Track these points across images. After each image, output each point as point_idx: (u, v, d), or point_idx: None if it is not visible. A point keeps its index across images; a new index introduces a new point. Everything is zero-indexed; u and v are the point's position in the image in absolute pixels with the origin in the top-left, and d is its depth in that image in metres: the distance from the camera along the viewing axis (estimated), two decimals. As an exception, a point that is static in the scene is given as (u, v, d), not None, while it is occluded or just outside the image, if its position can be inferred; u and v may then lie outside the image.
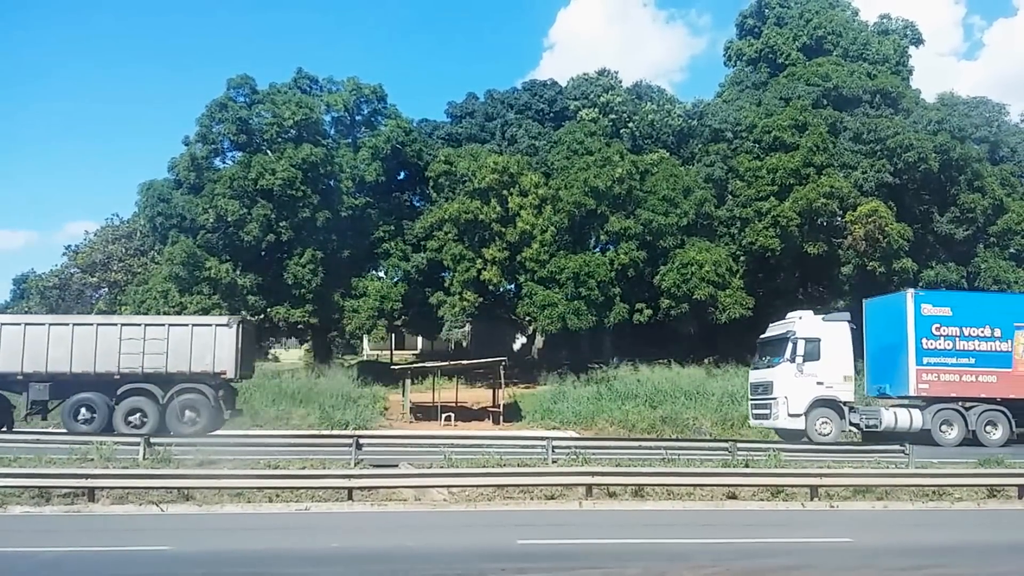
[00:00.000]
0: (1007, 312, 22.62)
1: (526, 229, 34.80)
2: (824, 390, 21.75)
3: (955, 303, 22.65)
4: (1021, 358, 22.16)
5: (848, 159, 37.86)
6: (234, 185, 34.45)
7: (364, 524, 12.25)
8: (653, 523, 12.52)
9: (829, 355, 22.01)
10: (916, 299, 22.30)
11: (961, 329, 22.07)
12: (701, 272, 33.95)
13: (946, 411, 21.82)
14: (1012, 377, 22.06)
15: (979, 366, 22.03)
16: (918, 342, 21.94)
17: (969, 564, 10.23)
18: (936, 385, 21.92)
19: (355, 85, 39.68)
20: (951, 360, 21.99)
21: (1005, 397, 22.07)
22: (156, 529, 11.63)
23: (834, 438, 21.24)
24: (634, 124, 41.10)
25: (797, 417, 21.52)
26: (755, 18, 48.43)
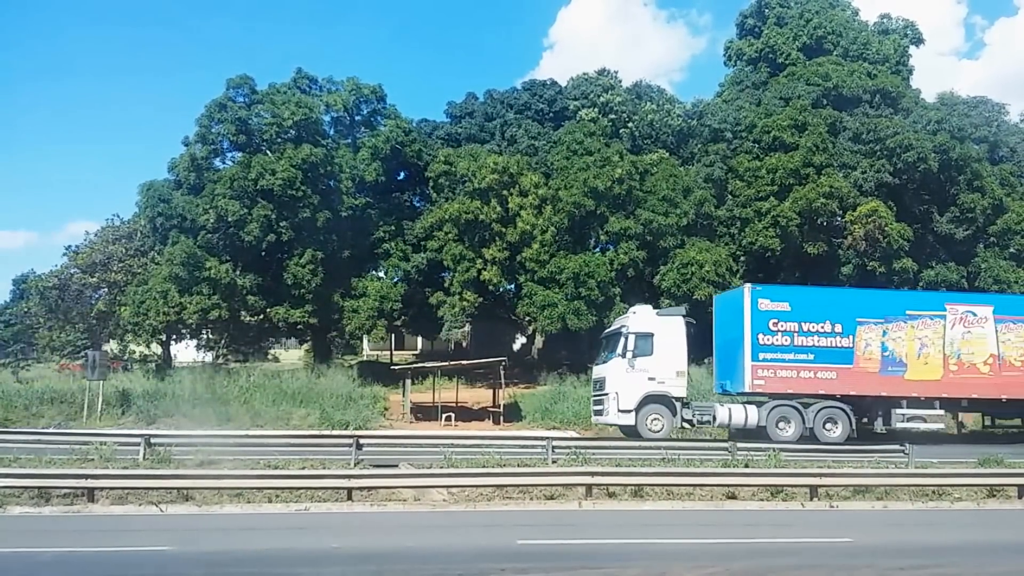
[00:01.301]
0: (849, 307, 22.14)
1: (526, 229, 34.79)
2: (656, 386, 21.39)
3: (794, 298, 22.20)
4: (863, 354, 21.79)
5: (848, 159, 37.86)
6: (234, 185, 34.44)
7: (364, 524, 12.25)
8: (653, 523, 12.52)
9: (662, 350, 21.65)
10: (753, 294, 21.85)
11: (800, 324, 21.63)
12: (701, 272, 33.93)
13: (783, 408, 21.41)
14: (853, 373, 21.66)
15: (819, 362, 21.61)
16: (754, 338, 21.49)
17: (969, 564, 10.23)
18: (772, 381, 21.48)
19: (355, 85, 39.66)
20: (789, 356, 21.53)
21: (846, 394, 21.73)
22: (156, 529, 11.63)
23: (666, 434, 20.77)
24: (634, 124, 41.10)
25: (628, 413, 21.16)
26: (755, 18, 48.42)
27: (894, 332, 22.00)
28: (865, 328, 21.83)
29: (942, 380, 22.05)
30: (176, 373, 33.89)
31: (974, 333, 22.40)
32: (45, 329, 40.30)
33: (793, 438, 20.80)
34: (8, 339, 46.63)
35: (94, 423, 24.41)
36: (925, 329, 22.20)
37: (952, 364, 22.16)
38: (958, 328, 22.33)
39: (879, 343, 21.89)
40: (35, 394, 26.92)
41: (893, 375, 21.86)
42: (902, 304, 22.67)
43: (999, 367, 22.30)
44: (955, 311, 22.49)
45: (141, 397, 27.02)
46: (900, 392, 21.85)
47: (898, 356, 21.96)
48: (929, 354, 22.11)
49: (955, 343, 22.26)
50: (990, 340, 22.44)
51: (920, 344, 22.12)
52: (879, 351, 21.82)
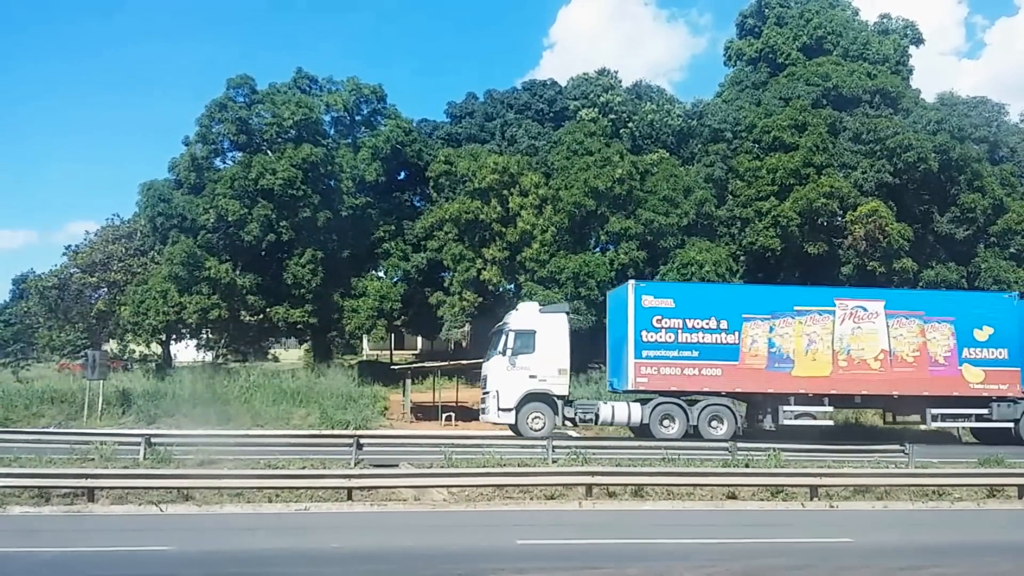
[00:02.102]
0: (735, 303, 21.82)
1: (526, 229, 34.80)
2: (537, 384, 21.01)
3: (679, 294, 21.94)
4: (749, 351, 21.42)
5: (848, 159, 37.86)
6: (234, 185, 34.45)
7: (364, 524, 12.25)
8: (653, 523, 12.52)
9: (544, 348, 21.26)
10: (637, 290, 21.53)
11: (684, 321, 21.32)
12: (701, 272, 33.92)
13: (667, 405, 21.08)
14: (739, 370, 21.31)
15: (704, 359, 21.25)
16: (637, 335, 21.17)
17: (969, 564, 10.23)
18: (656, 379, 21.18)
19: (355, 85, 39.67)
20: (673, 353, 21.20)
21: (731, 391, 21.47)
22: (156, 529, 11.63)
23: (546, 433, 20.33)
24: (634, 124, 41.10)
25: (508, 412, 20.81)
26: (755, 18, 48.40)
27: (781, 328, 21.60)
28: (751, 324, 21.45)
29: (831, 376, 21.65)
30: (176, 373, 33.90)
31: (864, 329, 21.94)
32: (45, 329, 40.30)
33: (677, 436, 20.48)
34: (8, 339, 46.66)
35: (94, 423, 24.41)
36: (814, 325, 21.78)
37: (841, 360, 21.73)
38: (848, 324, 21.90)
39: (766, 339, 21.49)
40: (35, 394, 26.93)
41: (780, 372, 21.44)
42: (790, 300, 22.25)
43: (890, 363, 21.87)
44: (845, 306, 22.07)
45: (141, 397, 27.02)
46: (788, 389, 21.48)
47: (785, 352, 21.55)
48: (818, 350, 21.69)
49: (845, 339, 21.81)
50: (881, 336, 21.98)
51: (808, 340, 21.68)
52: (766, 347, 21.43)
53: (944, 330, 22.23)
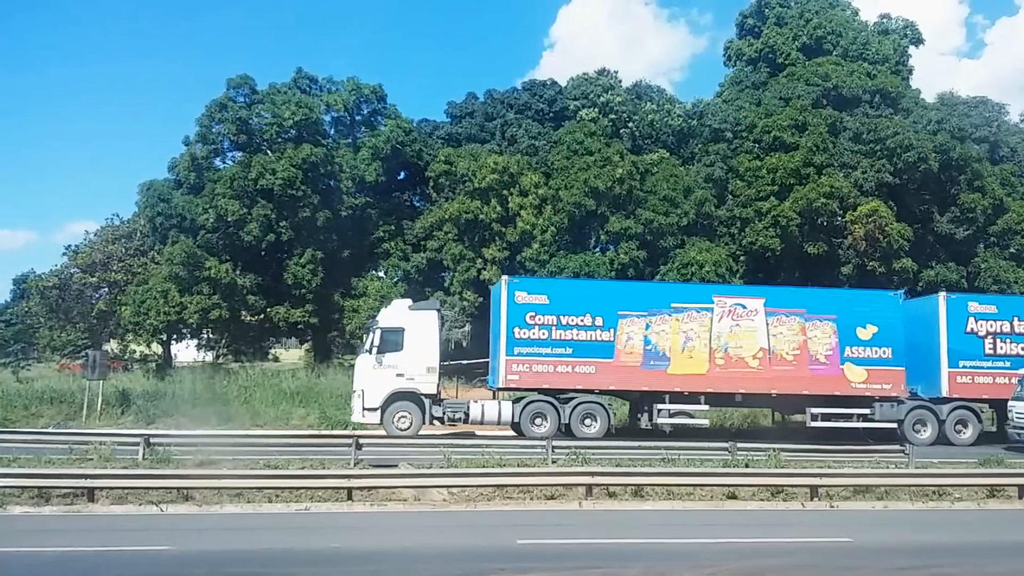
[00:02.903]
0: (611, 300, 21.53)
1: (526, 229, 34.81)
2: (404, 382, 20.62)
3: (553, 291, 21.63)
4: (624, 348, 21.13)
5: (848, 159, 37.87)
6: (234, 185, 34.47)
7: (364, 524, 12.25)
8: (653, 523, 12.52)
9: (412, 346, 20.84)
10: (510, 286, 21.30)
11: (559, 318, 21.01)
12: (701, 272, 33.94)
13: (538, 404, 20.86)
14: (613, 367, 21.01)
15: (577, 356, 20.93)
16: (510, 331, 20.91)
17: (969, 564, 10.23)
18: (527, 376, 20.90)
19: (355, 85, 39.71)
20: (545, 350, 20.88)
21: (605, 389, 21.30)
22: (156, 529, 11.62)
23: (414, 432, 20.17)
24: (634, 124, 41.12)
25: (373, 411, 20.39)
26: (755, 18, 48.42)
27: (658, 325, 21.33)
28: (627, 321, 21.18)
29: (707, 374, 21.34)
30: (176, 373, 33.90)
31: (743, 326, 21.62)
32: (45, 329, 40.34)
33: (548, 435, 20.10)
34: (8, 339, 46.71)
35: (94, 423, 24.40)
36: (691, 322, 21.48)
37: (719, 358, 21.42)
38: (726, 321, 21.59)
39: (642, 337, 21.19)
40: (35, 394, 26.91)
41: (656, 369, 21.14)
42: (667, 296, 22.03)
43: (769, 361, 21.55)
44: (723, 304, 21.76)
45: (141, 397, 27.01)
46: (663, 387, 21.21)
47: (661, 350, 21.26)
48: (694, 347, 21.37)
49: (722, 337, 21.49)
50: (760, 334, 21.63)
51: (685, 338, 21.40)
52: (641, 345, 21.15)
53: (826, 328, 21.85)
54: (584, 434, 20.35)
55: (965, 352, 22.50)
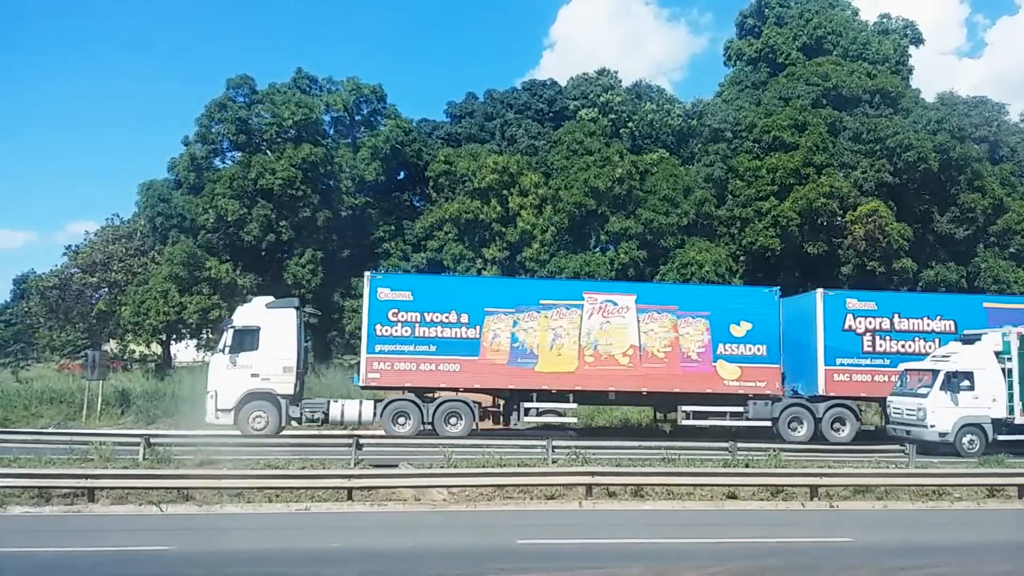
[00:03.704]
0: (477, 297, 21.11)
1: (526, 229, 34.82)
2: (259, 383, 20.08)
3: (417, 287, 21.15)
4: (490, 345, 20.74)
5: (848, 159, 37.87)
6: (234, 185, 34.47)
7: (364, 524, 12.26)
8: (653, 523, 12.52)
9: (269, 345, 20.31)
10: (372, 283, 20.87)
11: (422, 315, 20.58)
12: (701, 272, 33.95)
13: (400, 403, 20.58)
14: (479, 365, 20.62)
15: (441, 354, 20.52)
16: (371, 329, 20.51)
17: (969, 564, 10.24)
18: (388, 375, 20.46)
19: (355, 85, 39.71)
20: (408, 348, 20.45)
21: (470, 387, 20.93)
22: (156, 529, 11.63)
23: (271, 432, 19.75)
24: (634, 124, 41.12)
25: (227, 412, 19.83)
26: (755, 18, 48.42)
27: (526, 322, 20.98)
28: (494, 318, 20.81)
29: (576, 372, 21.03)
30: (176, 373, 33.89)
31: (614, 323, 21.32)
32: (45, 329, 40.28)
33: (411, 433, 20.03)
34: (8, 339, 46.68)
35: (94, 423, 24.41)
36: (560, 319, 21.13)
37: (588, 356, 21.10)
38: (596, 318, 21.29)
39: (509, 334, 20.84)
40: (35, 394, 26.92)
41: (523, 367, 20.76)
42: (536, 293, 21.65)
43: (640, 359, 21.27)
44: (594, 300, 21.48)
45: (141, 397, 27.01)
46: (530, 385, 20.91)
47: (529, 347, 20.93)
48: (563, 345, 21.04)
49: (592, 334, 21.20)
50: (631, 330, 21.34)
51: (554, 335, 21.06)
52: (508, 342, 20.77)
53: (699, 325, 21.62)
54: (448, 433, 19.97)
55: (842, 350, 22.15)
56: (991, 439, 19.70)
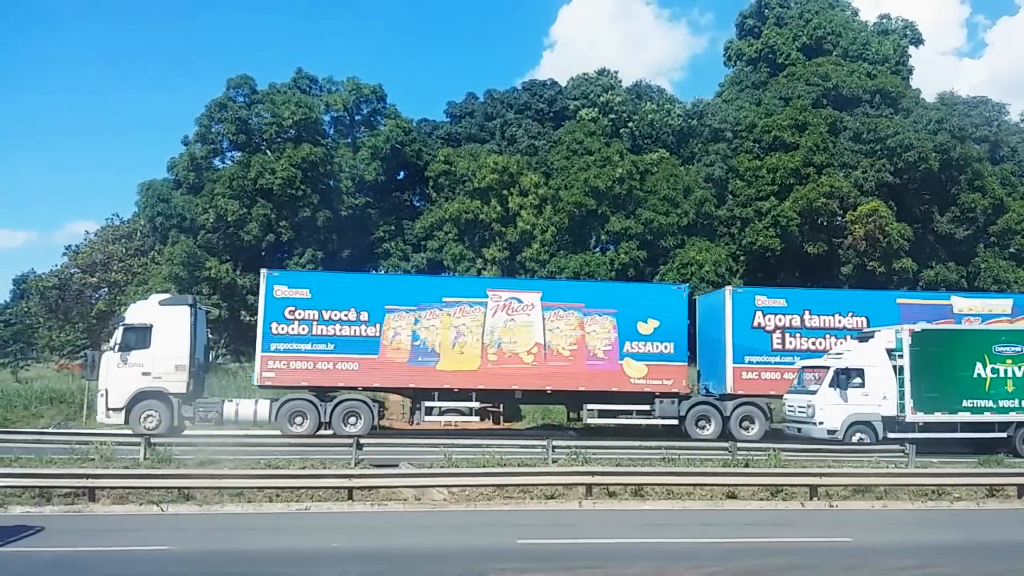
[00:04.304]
0: (378, 294, 20.74)
1: (526, 229, 34.83)
2: (151, 381, 19.69)
3: (316, 284, 20.76)
4: (391, 344, 20.39)
5: (848, 159, 37.89)
6: (234, 185, 34.48)
7: (364, 524, 12.26)
8: (653, 523, 12.51)
9: (161, 343, 19.86)
10: (268, 280, 20.42)
11: (320, 312, 20.23)
12: (701, 272, 33.97)
13: (296, 402, 20.18)
14: (379, 364, 20.31)
15: (340, 352, 20.18)
16: (267, 327, 20.13)
17: (969, 564, 10.24)
18: (285, 374, 20.11)
19: (355, 85, 39.72)
20: (305, 346, 20.10)
21: (370, 386, 20.84)
22: (157, 529, 11.63)
23: (164, 431, 19.25)
24: (634, 124, 41.14)
25: (118, 411, 19.47)
26: (755, 18, 48.45)
27: (428, 320, 20.68)
28: (395, 316, 20.48)
29: (479, 371, 20.75)
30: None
31: (518, 321, 21.05)
32: (45, 329, 40.30)
33: (309, 432, 19.80)
34: (8, 339, 46.63)
35: (94, 423, 24.40)
36: (463, 317, 20.85)
37: (491, 354, 20.85)
38: (500, 316, 21.01)
39: (410, 332, 20.51)
40: (34, 394, 26.92)
41: (424, 366, 20.43)
42: (439, 291, 21.42)
43: (545, 357, 21.03)
44: (498, 298, 21.18)
45: (141, 397, 26.95)
46: (432, 384, 20.64)
47: (430, 345, 20.64)
48: (466, 343, 20.75)
49: (496, 331, 20.93)
50: (536, 328, 21.09)
51: (456, 333, 20.78)
52: (409, 340, 20.43)
53: (605, 323, 21.37)
54: (345, 432, 19.66)
55: (751, 347, 21.94)
56: (881, 437, 19.48)
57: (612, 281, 31.28)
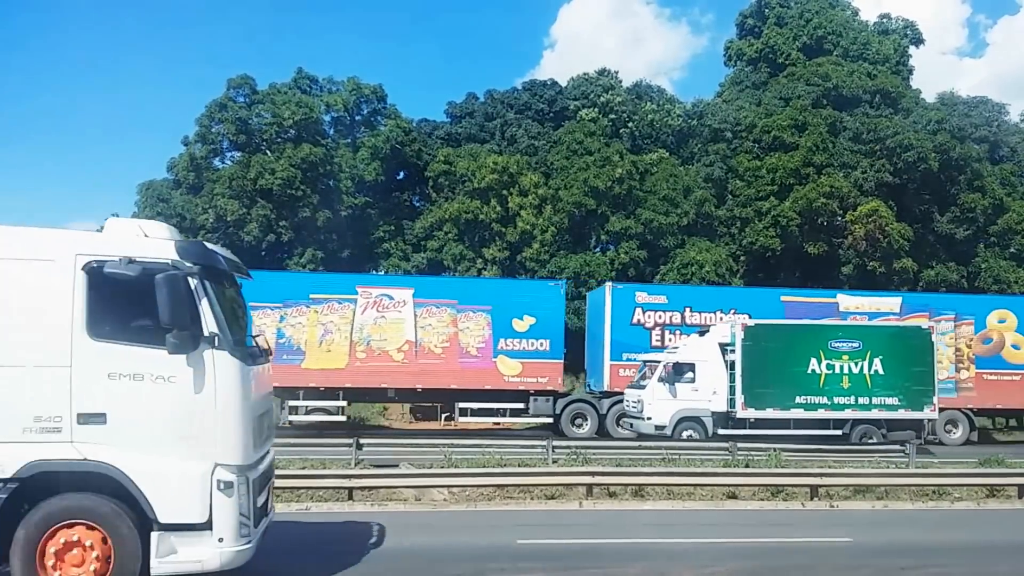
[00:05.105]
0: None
1: (526, 229, 34.82)
2: None
3: None
4: None
5: (848, 159, 37.88)
6: (233, 185, 34.48)
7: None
8: (653, 523, 12.50)
9: None
10: None
11: None
12: (701, 272, 33.96)
13: None
14: None
15: None
16: None
17: (969, 564, 10.23)
18: None
19: (355, 85, 39.72)
20: None
21: None
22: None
23: None
24: (634, 124, 41.13)
25: None
26: (755, 18, 48.41)
27: (294, 317, 20.44)
28: (258, 314, 20.12)
29: (346, 369, 20.48)
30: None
31: (389, 318, 20.83)
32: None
33: None
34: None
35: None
36: (331, 314, 20.60)
37: (360, 352, 20.62)
38: (370, 313, 20.79)
39: (274, 329, 20.19)
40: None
41: (289, 364, 19.99)
42: (306, 287, 21.17)
43: (416, 354, 20.84)
44: (368, 295, 20.98)
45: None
46: (296, 383, 20.26)
47: (296, 343, 20.36)
48: (333, 341, 20.47)
49: (366, 329, 20.70)
50: (408, 326, 20.88)
51: (324, 330, 20.52)
52: (273, 338, 19.86)
53: (479, 320, 21.23)
54: None
55: (630, 344, 21.72)
56: (711, 433, 19.24)
57: (487, 277, 30.99)
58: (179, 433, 7.04)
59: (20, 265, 6.98)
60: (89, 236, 7.88)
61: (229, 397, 7.14)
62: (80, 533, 6.84)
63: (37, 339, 6.90)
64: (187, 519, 6.97)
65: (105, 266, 6.87)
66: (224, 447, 7.15)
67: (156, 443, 7.00)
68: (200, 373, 7.00)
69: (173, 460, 7.02)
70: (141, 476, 6.89)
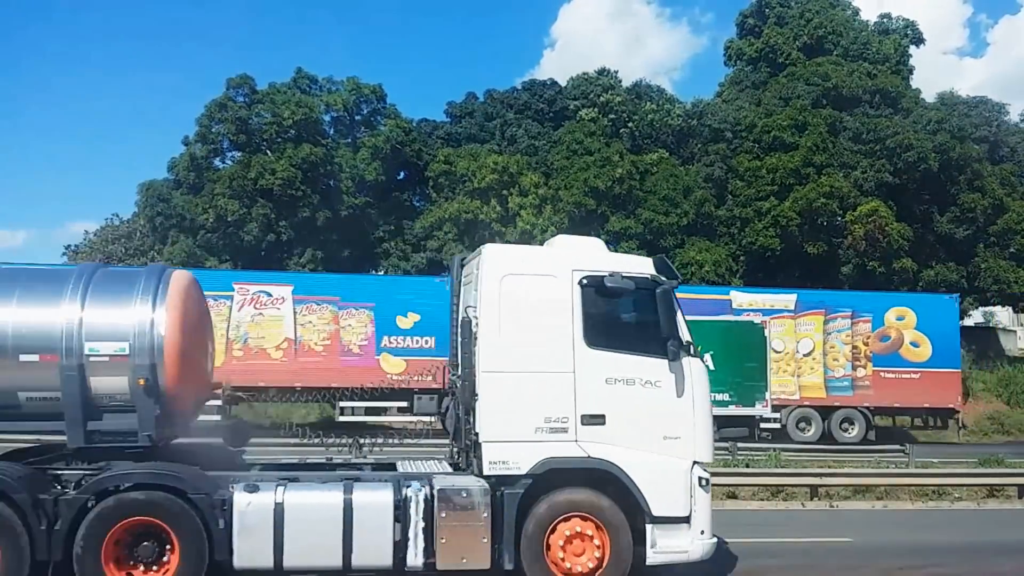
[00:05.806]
0: None
1: (526, 229, 34.79)
2: None
3: None
4: None
5: (848, 159, 37.86)
6: (233, 185, 34.48)
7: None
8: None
9: None
10: None
11: None
12: (701, 272, 33.95)
13: None
14: None
15: None
16: None
17: (969, 564, 10.23)
18: None
19: (355, 85, 39.71)
20: None
21: None
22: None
23: None
24: (634, 124, 41.11)
25: None
26: (755, 17, 48.36)
27: None
28: None
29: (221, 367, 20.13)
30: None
31: (267, 315, 20.53)
32: (45, 329, 40.22)
33: None
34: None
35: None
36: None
37: (237, 350, 20.24)
38: (247, 310, 20.47)
39: None
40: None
41: None
42: None
43: (295, 352, 20.59)
44: (245, 291, 20.65)
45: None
46: None
47: None
48: None
49: (243, 326, 20.37)
50: (287, 323, 20.59)
51: None
52: None
53: (362, 317, 20.97)
54: None
55: None
56: None
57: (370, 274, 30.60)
58: (664, 433, 7.90)
59: (532, 281, 7.94)
60: (578, 253, 8.52)
61: (704, 400, 8.03)
62: (579, 525, 7.69)
63: (547, 348, 7.80)
64: (674, 512, 7.79)
65: (605, 280, 7.77)
66: (700, 446, 8.03)
67: (646, 442, 7.86)
68: (680, 378, 7.88)
69: (660, 458, 7.87)
70: (637, 472, 7.75)
